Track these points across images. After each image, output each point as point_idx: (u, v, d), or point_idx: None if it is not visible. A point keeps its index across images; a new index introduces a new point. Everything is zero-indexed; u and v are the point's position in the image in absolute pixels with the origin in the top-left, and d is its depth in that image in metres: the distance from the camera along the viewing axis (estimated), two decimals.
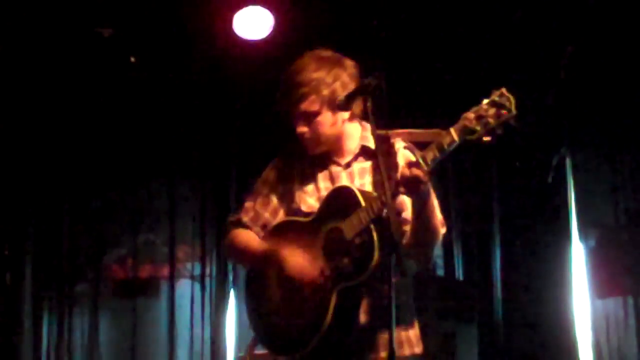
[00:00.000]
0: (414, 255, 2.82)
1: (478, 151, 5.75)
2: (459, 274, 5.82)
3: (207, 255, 5.94)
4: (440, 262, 5.78)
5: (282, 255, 2.83)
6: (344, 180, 2.90)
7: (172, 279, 6.04)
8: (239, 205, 3.10)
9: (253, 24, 5.29)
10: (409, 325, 2.88)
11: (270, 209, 3.01)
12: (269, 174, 3.04)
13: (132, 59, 5.48)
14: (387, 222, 2.57)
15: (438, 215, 2.84)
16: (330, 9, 5.07)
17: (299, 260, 2.81)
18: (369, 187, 2.86)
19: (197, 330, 5.86)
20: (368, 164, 2.90)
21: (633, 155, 5.44)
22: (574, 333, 5.42)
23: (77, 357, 5.98)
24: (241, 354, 2.96)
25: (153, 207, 6.18)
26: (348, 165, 2.93)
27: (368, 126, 2.87)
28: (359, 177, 2.90)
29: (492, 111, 2.56)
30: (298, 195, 2.94)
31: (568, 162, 5.46)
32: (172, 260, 6.05)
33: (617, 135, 5.46)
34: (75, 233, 6.04)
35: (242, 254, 3.04)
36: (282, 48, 5.35)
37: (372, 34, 5.13)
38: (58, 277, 5.98)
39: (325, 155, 2.95)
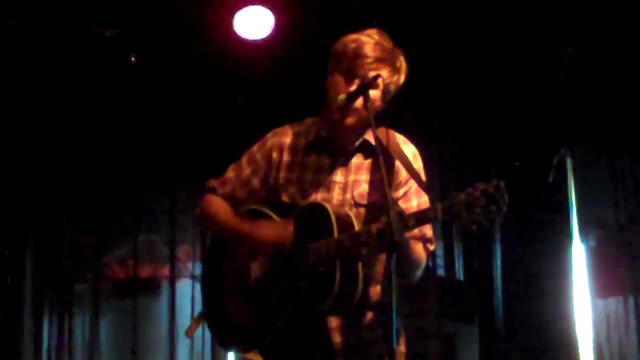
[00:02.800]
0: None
1: (478, 151, 5.80)
2: (459, 274, 5.82)
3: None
4: (440, 262, 5.79)
5: (258, 237, 2.81)
6: (338, 176, 2.85)
7: (172, 279, 6.05)
8: (223, 172, 3.04)
9: (253, 24, 5.29)
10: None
11: (247, 190, 2.95)
12: (258, 152, 2.97)
13: (133, 59, 5.48)
14: (355, 261, 2.61)
15: (428, 233, 2.83)
16: (330, 9, 5.07)
17: (269, 236, 2.79)
18: (364, 185, 2.83)
19: (198, 330, 5.85)
20: (366, 162, 2.86)
21: (633, 155, 5.44)
22: (575, 333, 5.42)
23: (78, 357, 5.98)
24: (241, 355, 2.94)
25: (153, 207, 6.19)
26: (347, 159, 2.87)
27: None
28: (355, 174, 2.85)
29: (482, 201, 2.47)
30: (282, 182, 2.88)
31: (568, 162, 5.46)
32: (172, 260, 6.06)
33: (617, 135, 5.46)
34: (76, 233, 6.04)
35: (215, 224, 2.99)
36: (282, 48, 5.35)
37: None
38: (58, 277, 5.99)
39: (327, 144, 2.88)
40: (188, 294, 5.96)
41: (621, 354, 5.43)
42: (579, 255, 5.51)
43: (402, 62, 2.82)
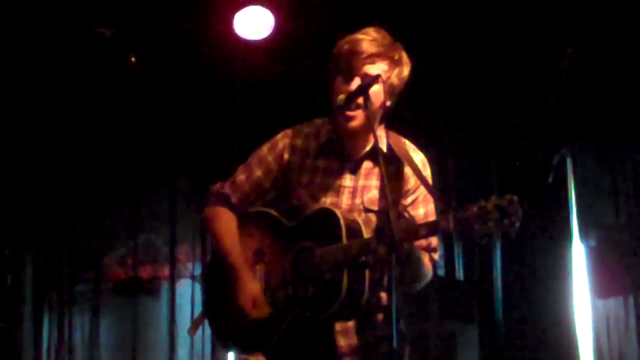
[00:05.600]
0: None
1: (478, 151, 5.80)
2: (459, 274, 5.82)
3: (207, 255, 5.93)
4: (440, 262, 5.78)
5: (240, 281, 2.81)
6: (347, 181, 2.84)
7: (172, 279, 6.04)
8: (231, 175, 2.99)
9: (253, 24, 5.29)
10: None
11: (259, 191, 2.93)
12: (269, 153, 2.93)
13: (133, 59, 5.48)
14: (362, 269, 2.60)
15: (433, 242, 2.82)
16: (331, 9, 5.07)
17: (252, 292, 2.78)
18: (374, 191, 2.83)
19: (198, 329, 5.84)
20: (376, 168, 2.83)
21: (633, 156, 5.44)
22: (575, 333, 5.42)
23: (78, 357, 5.98)
24: (242, 357, 2.94)
25: (153, 207, 6.19)
26: (357, 165, 2.86)
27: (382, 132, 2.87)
28: (364, 179, 2.85)
29: (495, 215, 2.45)
30: (292, 184, 2.87)
31: (568, 162, 5.46)
32: (172, 260, 6.06)
33: (617, 135, 5.46)
34: (76, 233, 6.04)
35: (214, 242, 2.97)
36: (282, 48, 5.35)
37: None
38: (58, 277, 5.98)
39: (337, 147, 2.87)
40: (188, 294, 5.96)
41: (621, 354, 5.43)
42: (579, 255, 5.50)
43: (401, 55, 2.81)
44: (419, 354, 4.94)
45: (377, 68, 2.74)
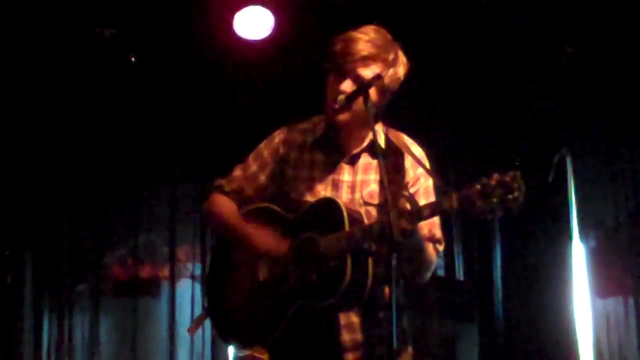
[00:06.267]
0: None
1: (478, 151, 5.80)
2: (459, 274, 5.82)
3: (207, 255, 5.94)
4: (440, 262, 5.79)
5: (256, 242, 2.82)
6: (345, 175, 2.85)
7: (172, 279, 6.04)
8: (229, 171, 3.03)
9: (253, 24, 5.30)
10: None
11: (255, 186, 2.95)
12: (265, 149, 2.96)
13: (133, 59, 5.48)
14: (365, 256, 2.60)
15: (437, 233, 2.83)
16: (331, 9, 5.07)
17: (270, 246, 2.79)
18: (373, 185, 2.83)
19: (198, 330, 5.84)
20: (375, 162, 2.85)
21: (633, 156, 5.44)
22: (574, 333, 5.42)
23: (78, 356, 5.97)
24: (241, 354, 2.93)
25: (153, 207, 6.18)
26: (354, 158, 2.87)
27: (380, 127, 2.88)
28: (363, 174, 2.86)
29: (498, 191, 2.46)
30: (290, 179, 2.88)
31: (568, 162, 5.46)
32: (172, 260, 6.05)
33: (617, 136, 5.46)
34: (76, 233, 6.03)
35: (218, 223, 3.00)
36: (282, 48, 5.36)
37: None
38: (58, 277, 5.98)
39: (334, 142, 2.88)
40: (188, 294, 5.96)
41: (621, 354, 5.43)
42: (579, 255, 5.50)
43: (397, 56, 2.81)
44: (419, 353, 4.93)
45: (370, 71, 2.74)
